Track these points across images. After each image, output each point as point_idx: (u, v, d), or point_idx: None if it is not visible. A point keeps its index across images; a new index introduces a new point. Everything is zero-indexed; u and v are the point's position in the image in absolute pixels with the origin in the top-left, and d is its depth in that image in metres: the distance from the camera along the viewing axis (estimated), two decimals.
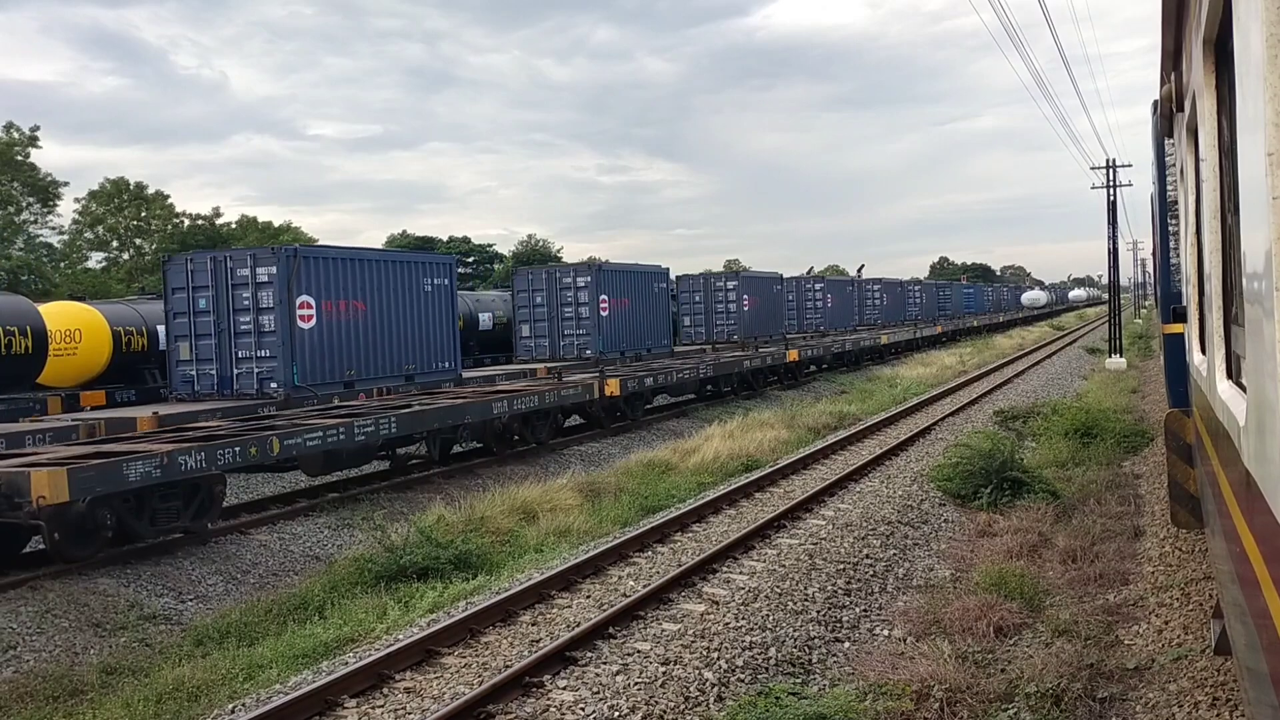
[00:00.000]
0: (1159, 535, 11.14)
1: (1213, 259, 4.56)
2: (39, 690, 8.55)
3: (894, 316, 63.18)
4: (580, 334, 29.70)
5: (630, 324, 31.51)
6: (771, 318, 42.39)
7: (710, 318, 39.35)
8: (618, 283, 31.03)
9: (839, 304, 52.73)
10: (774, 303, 42.93)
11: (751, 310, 39.82)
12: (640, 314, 32.18)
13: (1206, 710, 6.32)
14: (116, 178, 58.61)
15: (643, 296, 32.41)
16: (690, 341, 39.04)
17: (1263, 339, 2.55)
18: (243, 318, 19.01)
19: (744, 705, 6.75)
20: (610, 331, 30.17)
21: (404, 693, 7.43)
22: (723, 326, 39.26)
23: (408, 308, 21.76)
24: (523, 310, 30.23)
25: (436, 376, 22.47)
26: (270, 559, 12.85)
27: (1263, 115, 2.34)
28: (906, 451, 18.36)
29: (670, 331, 35.15)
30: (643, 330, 32.25)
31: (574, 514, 13.97)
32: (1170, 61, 6.69)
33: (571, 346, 29.62)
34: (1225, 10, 3.38)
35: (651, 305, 33.05)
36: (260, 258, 19.10)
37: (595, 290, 29.68)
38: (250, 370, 19.05)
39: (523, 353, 30.23)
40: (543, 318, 30.02)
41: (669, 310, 34.97)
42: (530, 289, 30.19)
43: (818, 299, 50.50)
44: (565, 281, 29.97)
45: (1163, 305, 12.15)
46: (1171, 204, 10.73)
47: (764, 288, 42.10)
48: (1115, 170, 39.69)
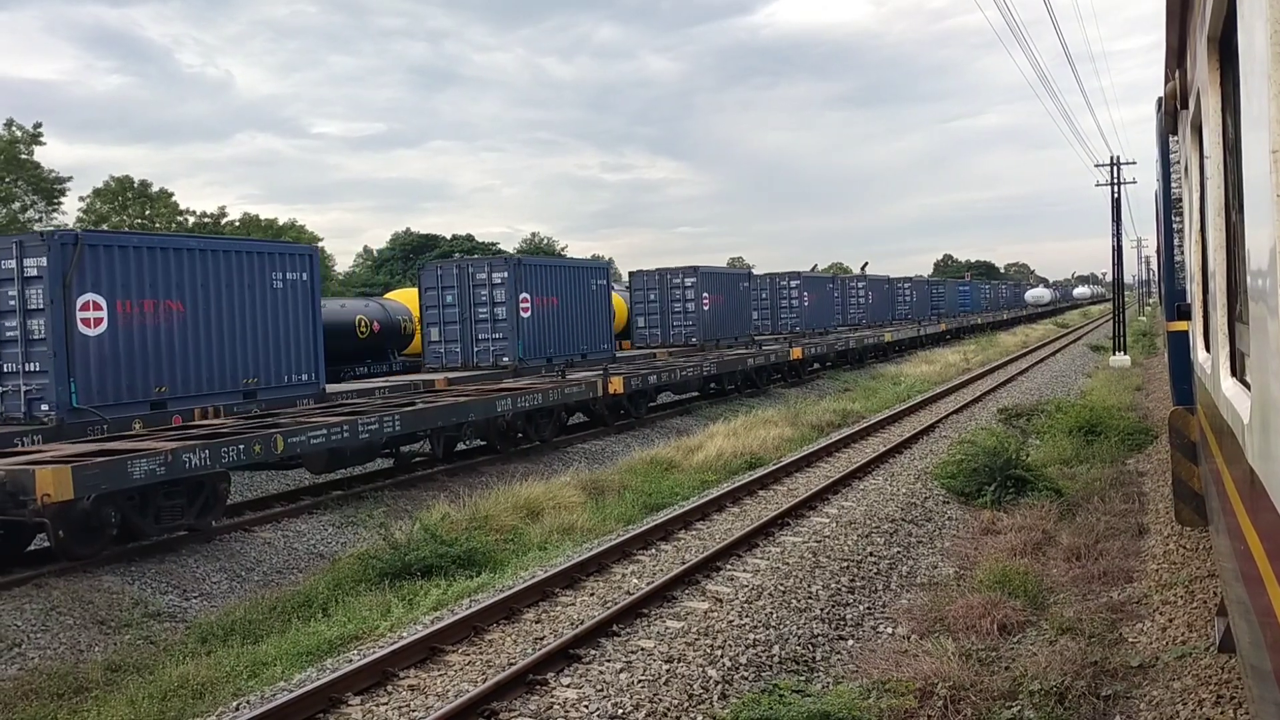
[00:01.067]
0: (1163, 533, 11.13)
1: (1217, 256, 4.56)
2: (44, 688, 8.57)
3: (881, 316, 59.34)
4: (497, 338, 24.83)
5: (559, 326, 26.79)
6: (736, 318, 38.59)
7: (666, 318, 35.33)
8: (543, 279, 26.16)
9: (817, 303, 48.52)
10: (739, 301, 39.08)
11: (713, 310, 36.11)
12: (572, 315, 27.45)
13: (1210, 708, 6.31)
14: (121, 176, 58.72)
15: (575, 295, 27.57)
16: (644, 344, 35.25)
17: (1267, 336, 2.55)
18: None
19: (748, 703, 6.75)
20: (532, 335, 25.49)
21: (408, 690, 7.44)
22: (680, 328, 35.29)
23: (247, 308, 17.98)
24: (431, 311, 25.24)
25: (289, 391, 18.87)
26: (274, 557, 12.87)
27: (1267, 112, 2.34)
28: (910, 449, 18.36)
29: (610, 334, 30.17)
30: (576, 333, 27.61)
31: (577, 512, 13.98)
32: (1175, 59, 6.68)
33: (486, 353, 24.87)
34: (1230, 7, 3.38)
35: (587, 304, 28.34)
36: (28, 246, 14.98)
37: (514, 288, 24.75)
38: (16, 388, 14.94)
39: (431, 359, 25.47)
40: (454, 319, 25.05)
41: (609, 310, 30.07)
42: (440, 286, 25.09)
43: (793, 297, 46.60)
44: (479, 278, 24.83)
45: (1167, 302, 12.14)
46: (1176, 201, 10.72)
47: (727, 285, 38.26)
48: (1119, 168, 39.62)
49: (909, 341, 48.34)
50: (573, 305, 27.78)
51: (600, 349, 29.08)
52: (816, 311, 48.13)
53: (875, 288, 60.15)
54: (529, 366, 24.68)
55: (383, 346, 28.67)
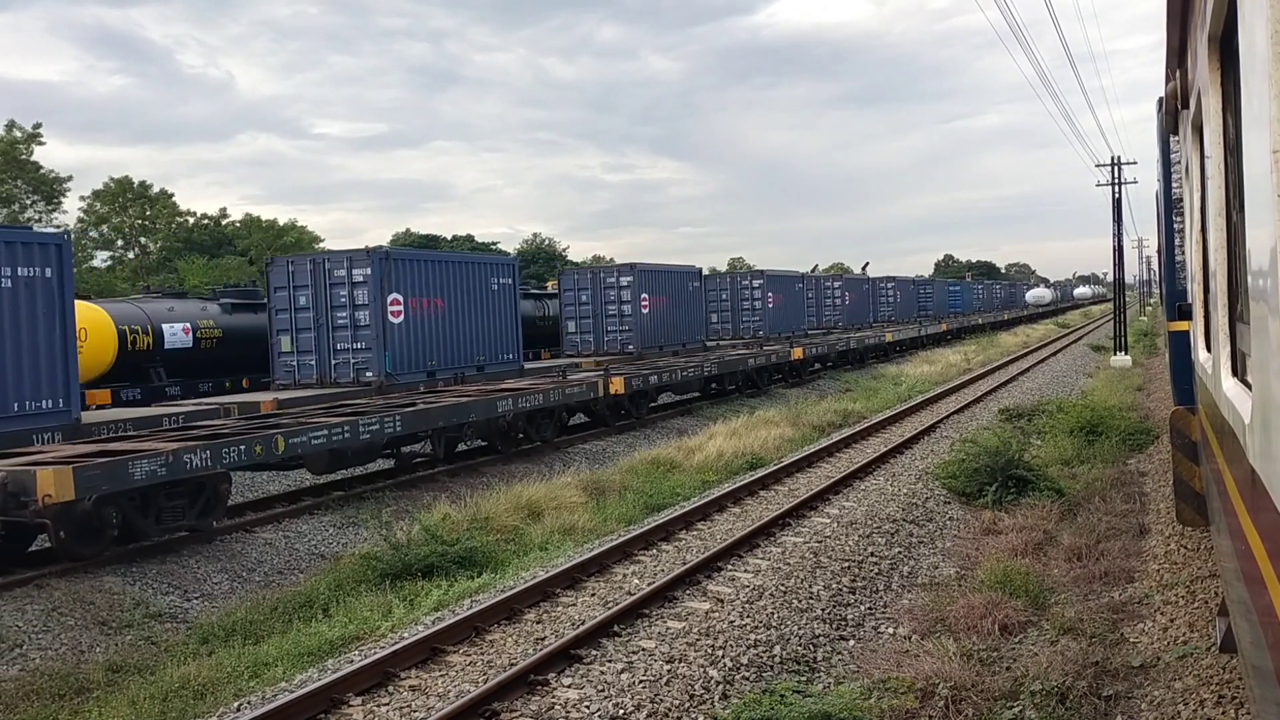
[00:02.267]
0: (1164, 533, 11.12)
1: (1218, 256, 4.56)
2: (45, 688, 8.58)
3: (860, 318, 55.21)
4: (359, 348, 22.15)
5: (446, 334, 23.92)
6: (684, 322, 34.33)
7: (600, 323, 31.04)
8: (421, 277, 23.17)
9: (785, 304, 43.98)
10: (687, 304, 34.78)
11: (655, 313, 32.02)
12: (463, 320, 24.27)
13: (1212, 708, 6.31)
14: (121, 176, 58.75)
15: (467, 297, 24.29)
16: (575, 351, 31.08)
17: (1268, 336, 2.55)
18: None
19: (749, 703, 6.75)
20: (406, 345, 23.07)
21: (409, 690, 7.44)
22: (615, 334, 30.88)
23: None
24: (281, 316, 22.89)
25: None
26: (275, 557, 12.87)
27: (1268, 112, 2.34)
28: (911, 449, 18.35)
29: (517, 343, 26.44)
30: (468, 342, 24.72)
31: (579, 512, 13.98)
32: (1175, 58, 6.68)
33: (347, 366, 22.34)
34: (1230, 7, 3.38)
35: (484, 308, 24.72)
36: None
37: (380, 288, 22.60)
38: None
39: (281, 374, 23.22)
40: (308, 326, 22.60)
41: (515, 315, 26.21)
42: (291, 286, 22.81)
43: (756, 298, 42.02)
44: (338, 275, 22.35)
45: (1168, 302, 12.13)
46: (1176, 201, 10.72)
47: (672, 285, 33.94)
48: (1120, 167, 39.59)
49: (910, 342, 48.34)
50: (464, 309, 23.72)
51: (503, 359, 25.14)
52: (784, 313, 43.74)
53: (853, 287, 56.43)
54: (400, 383, 21.26)
55: None
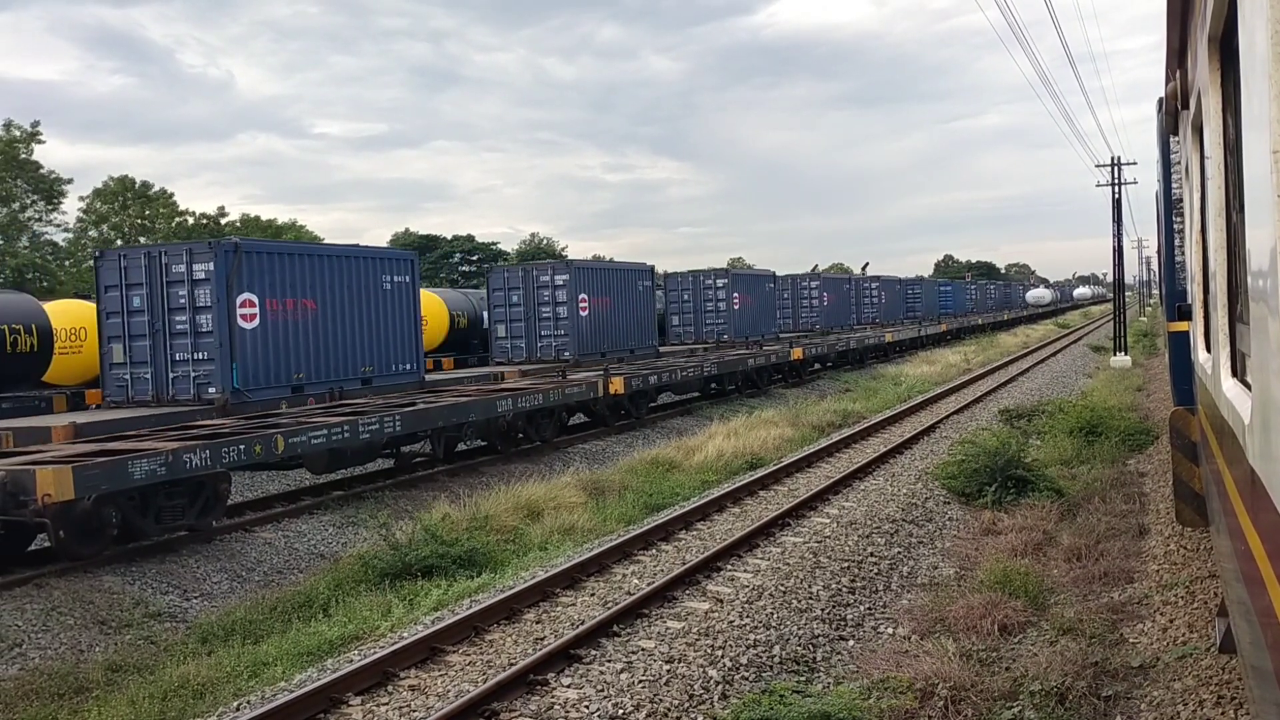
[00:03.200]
0: (1164, 533, 11.12)
1: (1218, 256, 4.56)
2: (44, 688, 8.58)
3: (840, 320, 52.05)
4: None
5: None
6: (632, 325, 31.31)
7: (533, 326, 28.23)
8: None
9: (754, 305, 41.10)
10: (636, 306, 31.76)
11: (596, 316, 29.13)
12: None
13: (1211, 708, 6.31)
14: (120, 176, 58.75)
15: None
16: (504, 359, 28.37)
17: (1268, 337, 2.55)
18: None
19: (748, 703, 6.75)
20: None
21: (409, 690, 7.44)
22: (551, 339, 28.10)
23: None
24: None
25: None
26: (275, 557, 12.87)
27: (1268, 112, 2.34)
28: (911, 449, 18.35)
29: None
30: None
31: (578, 512, 13.98)
32: (1175, 59, 6.68)
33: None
34: (1230, 8, 3.38)
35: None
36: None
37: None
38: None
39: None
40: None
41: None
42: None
43: (720, 299, 38.95)
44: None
45: (1167, 303, 12.14)
46: (1176, 201, 10.72)
47: (618, 285, 30.68)
48: (1120, 168, 39.60)
49: (909, 342, 48.37)
50: (344, 312, 22.37)
51: (397, 370, 23.97)
52: (752, 315, 40.74)
53: (832, 288, 52.87)
54: (252, 400, 19.76)
55: None
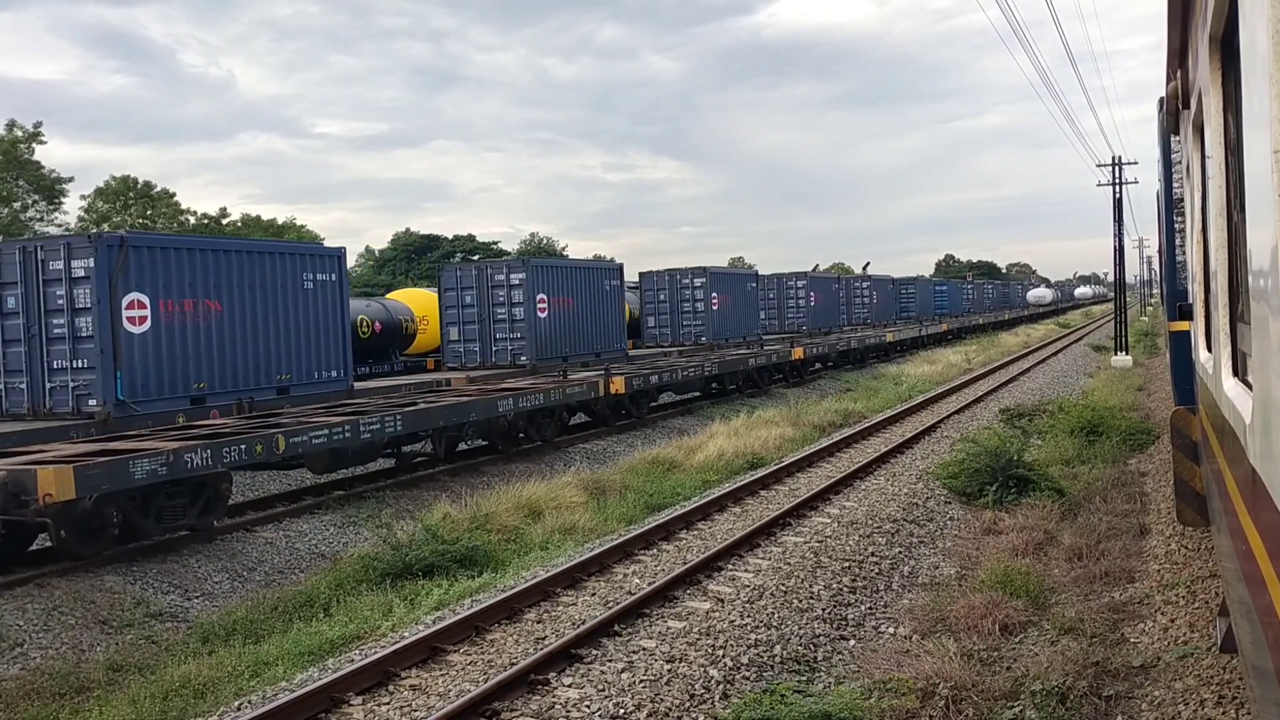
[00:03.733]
0: (1165, 533, 11.12)
1: (1218, 256, 4.56)
2: (45, 687, 8.58)
3: (828, 320, 49.56)
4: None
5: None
6: (602, 328, 29.47)
7: (488, 329, 26.12)
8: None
9: (733, 306, 38.45)
10: (602, 307, 29.60)
11: (562, 317, 27.33)
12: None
13: (1212, 708, 6.31)
14: (122, 175, 58.78)
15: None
16: (456, 363, 26.52)
17: (1269, 336, 2.55)
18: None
19: (749, 703, 6.75)
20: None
21: (410, 690, 7.44)
22: (506, 343, 26.03)
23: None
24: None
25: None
26: (276, 556, 12.87)
27: (1268, 112, 2.34)
28: (912, 449, 18.35)
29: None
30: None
31: (579, 512, 13.98)
32: (1176, 58, 6.67)
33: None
34: (1231, 7, 3.38)
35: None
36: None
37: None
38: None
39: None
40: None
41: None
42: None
43: (698, 299, 36.72)
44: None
45: (1168, 303, 12.13)
46: (1177, 201, 10.71)
47: (581, 285, 28.58)
48: (1121, 168, 39.57)
49: (910, 341, 48.40)
50: (256, 314, 21.06)
51: (321, 377, 22.66)
52: (732, 316, 38.37)
53: (820, 287, 50.00)
54: (141, 413, 18.61)
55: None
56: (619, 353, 29.88)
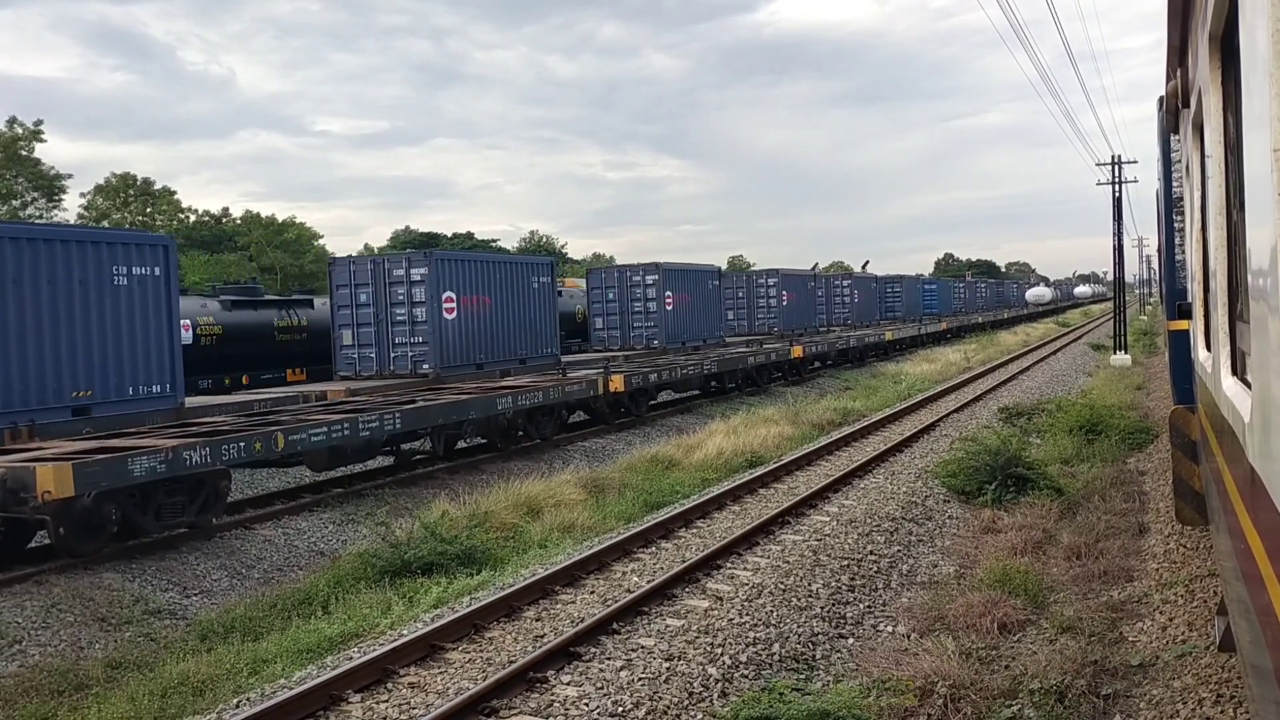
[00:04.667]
0: (1163, 532, 11.13)
1: (1218, 255, 4.56)
2: (44, 684, 8.58)
3: (802, 321, 44.99)
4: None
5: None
6: (528, 331, 26.02)
7: (388, 330, 23.24)
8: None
9: (693, 306, 34.97)
10: (532, 306, 26.16)
11: (475, 319, 24.08)
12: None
13: (1210, 707, 6.31)
14: (123, 173, 58.77)
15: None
16: (350, 372, 23.48)
17: (1268, 335, 2.55)
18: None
19: (748, 701, 6.75)
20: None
21: (408, 688, 7.44)
22: (406, 349, 23.05)
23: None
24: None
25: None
26: (275, 554, 12.87)
27: (1268, 111, 2.34)
28: (911, 448, 18.35)
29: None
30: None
31: (578, 510, 13.98)
32: (1176, 57, 6.67)
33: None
34: (1231, 6, 3.38)
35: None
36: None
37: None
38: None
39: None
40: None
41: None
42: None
43: (649, 297, 33.08)
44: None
45: (1168, 302, 12.13)
46: (1177, 200, 10.71)
47: (507, 282, 25.37)
48: (1121, 166, 39.57)
49: (910, 340, 48.44)
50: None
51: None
52: (689, 317, 34.76)
53: (794, 286, 44.92)
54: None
55: None
56: (549, 358, 26.63)
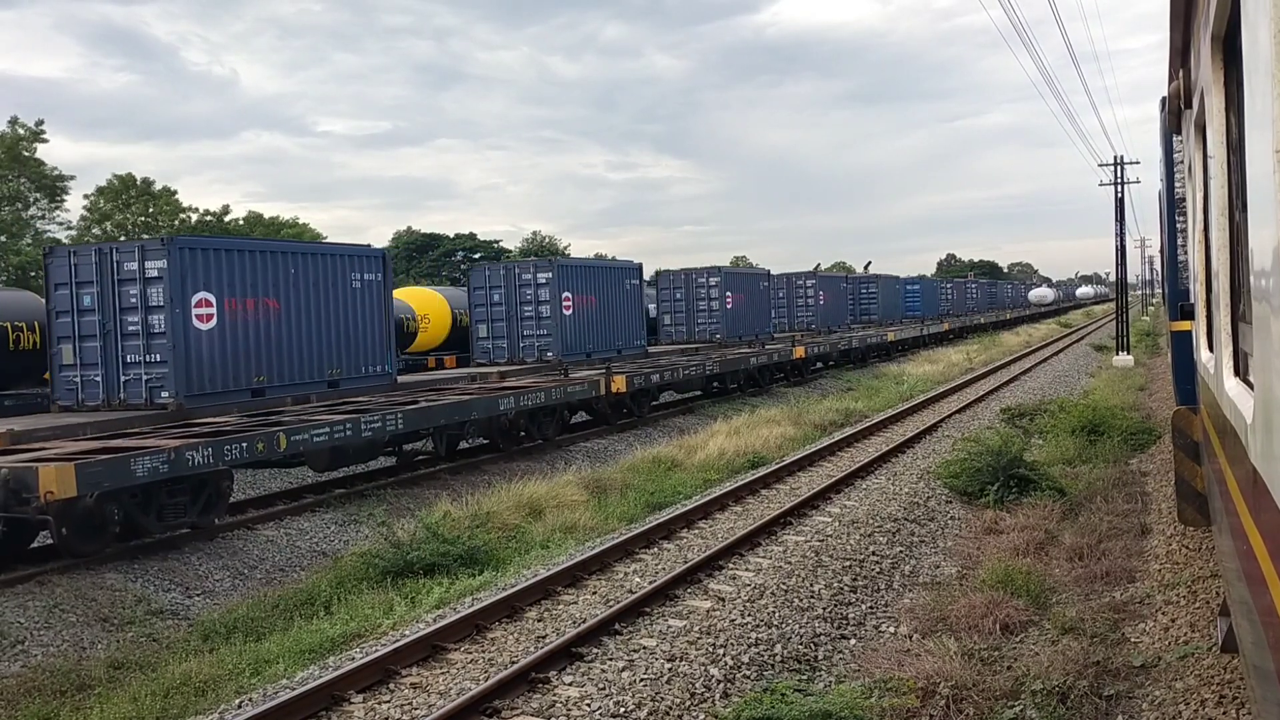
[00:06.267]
0: (1166, 533, 11.12)
1: (1220, 256, 4.55)
2: (46, 685, 8.59)
3: (751, 328, 38.30)
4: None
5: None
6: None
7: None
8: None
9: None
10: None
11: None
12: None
13: (1213, 708, 6.31)
14: (124, 173, 58.80)
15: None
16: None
17: (1270, 336, 2.55)
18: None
19: (750, 702, 6.75)
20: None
21: (410, 688, 7.45)
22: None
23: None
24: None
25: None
26: (277, 554, 12.88)
27: (1270, 112, 2.34)
28: (913, 448, 18.34)
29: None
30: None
31: (580, 510, 13.98)
32: (1179, 58, 6.66)
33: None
34: (1234, 7, 3.37)
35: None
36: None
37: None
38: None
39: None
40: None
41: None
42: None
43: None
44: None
45: (1170, 302, 12.13)
46: (1179, 201, 10.71)
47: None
48: (1123, 167, 39.54)
49: (912, 341, 48.45)
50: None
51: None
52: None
53: (742, 286, 38.81)
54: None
55: None
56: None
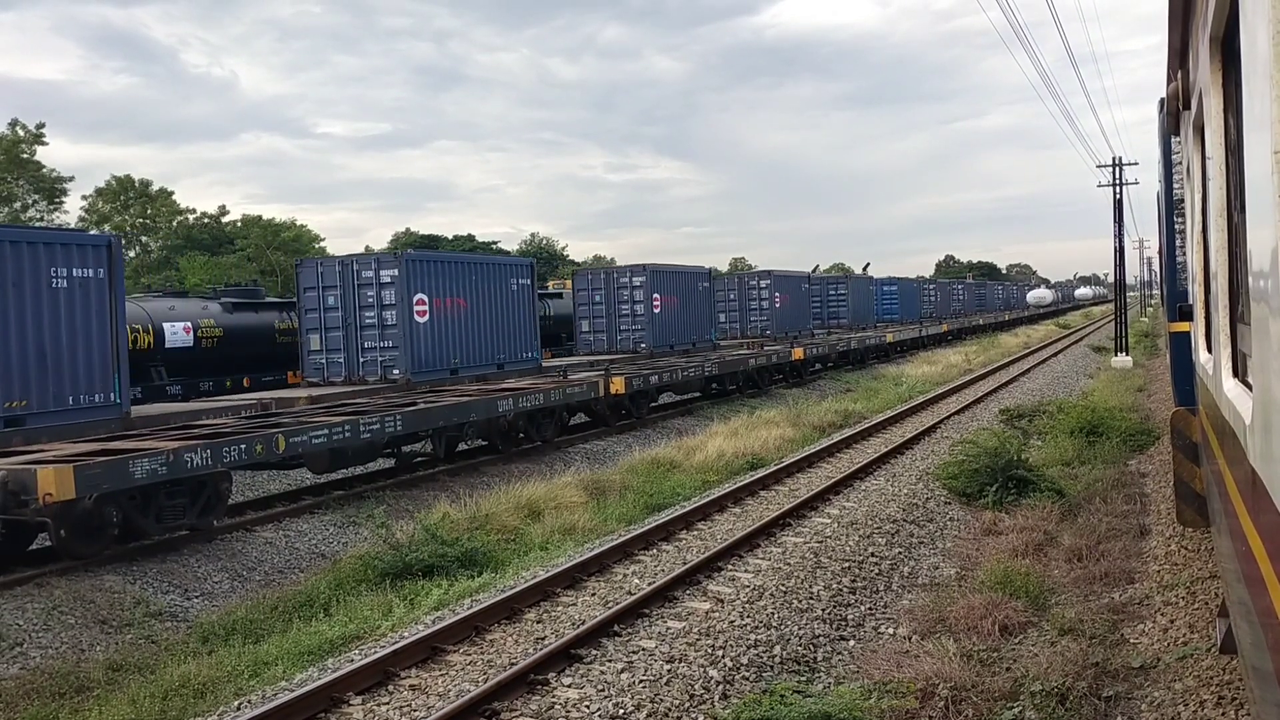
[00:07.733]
0: (1165, 534, 11.12)
1: (1219, 257, 4.56)
2: (45, 687, 8.58)
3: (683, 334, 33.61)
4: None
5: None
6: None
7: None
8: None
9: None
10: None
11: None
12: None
13: (1212, 709, 6.31)
14: (122, 175, 58.82)
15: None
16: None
17: (1269, 337, 2.55)
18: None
19: (749, 703, 6.75)
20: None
21: (409, 690, 7.44)
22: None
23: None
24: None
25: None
26: (276, 556, 12.87)
27: (1269, 113, 2.34)
28: (912, 450, 18.35)
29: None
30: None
31: (579, 512, 13.98)
32: (1177, 59, 6.67)
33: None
34: (1232, 8, 3.38)
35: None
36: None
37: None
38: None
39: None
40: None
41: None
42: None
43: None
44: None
45: (1169, 303, 12.13)
46: (1178, 202, 10.71)
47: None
48: (1122, 168, 39.55)
49: (911, 342, 48.49)
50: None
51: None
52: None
53: (675, 287, 33.37)
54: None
55: None
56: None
